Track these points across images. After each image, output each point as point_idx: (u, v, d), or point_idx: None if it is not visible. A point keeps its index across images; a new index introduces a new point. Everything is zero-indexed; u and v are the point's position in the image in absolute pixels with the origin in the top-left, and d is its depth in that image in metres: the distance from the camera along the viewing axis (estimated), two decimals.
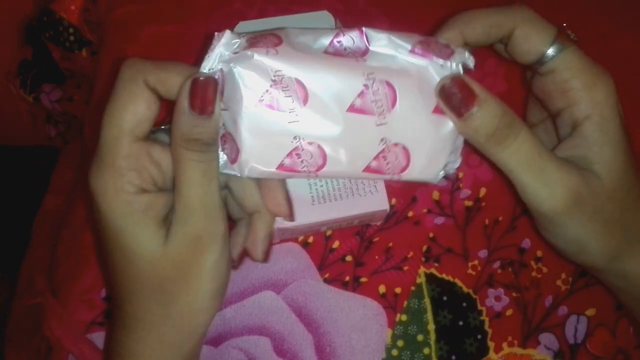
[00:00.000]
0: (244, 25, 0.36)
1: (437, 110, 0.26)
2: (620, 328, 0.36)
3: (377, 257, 0.36)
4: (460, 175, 0.37)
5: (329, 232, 0.36)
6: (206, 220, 0.26)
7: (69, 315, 0.36)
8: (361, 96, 0.25)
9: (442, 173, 0.27)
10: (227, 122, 0.26)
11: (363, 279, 0.36)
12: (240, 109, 0.24)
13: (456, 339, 0.35)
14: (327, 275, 0.36)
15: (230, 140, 0.26)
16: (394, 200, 0.37)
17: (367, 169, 0.26)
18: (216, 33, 0.25)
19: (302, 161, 0.26)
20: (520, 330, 0.36)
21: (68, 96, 0.51)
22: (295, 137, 0.25)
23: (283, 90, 0.24)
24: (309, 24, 0.37)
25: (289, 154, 0.25)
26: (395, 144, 0.26)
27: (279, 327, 0.35)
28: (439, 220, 0.37)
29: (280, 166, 0.26)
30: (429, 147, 0.26)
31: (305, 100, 0.25)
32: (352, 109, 0.25)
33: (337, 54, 0.26)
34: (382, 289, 0.36)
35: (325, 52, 0.26)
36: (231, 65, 0.24)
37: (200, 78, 0.24)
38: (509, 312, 0.36)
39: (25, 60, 0.52)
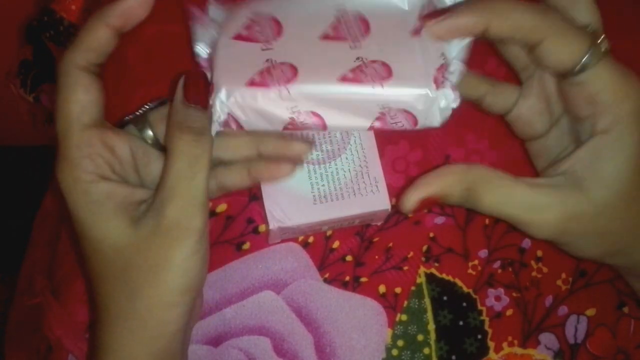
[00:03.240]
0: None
1: (416, 32, 0.27)
2: (621, 328, 0.36)
3: (377, 257, 0.36)
4: None
5: (329, 232, 0.36)
6: (182, 213, 0.25)
7: (69, 315, 0.36)
8: (333, 27, 0.27)
9: (442, 116, 0.27)
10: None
11: (363, 279, 0.36)
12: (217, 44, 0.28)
13: (456, 339, 0.35)
14: (327, 275, 0.36)
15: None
16: (394, 200, 0.37)
17: (344, 78, 0.26)
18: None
19: (272, 76, 0.27)
20: (520, 330, 0.36)
21: None
22: (267, 60, 0.27)
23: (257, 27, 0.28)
24: None
25: (260, 72, 0.27)
26: (373, 61, 0.27)
27: (279, 327, 0.35)
28: (439, 220, 0.37)
29: (251, 82, 0.26)
30: (411, 60, 0.27)
31: (279, 33, 0.27)
32: (325, 37, 0.27)
33: None
34: (382, 288, 0.36)
35: None
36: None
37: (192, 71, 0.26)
38: (509, 312, 0.36)
39: (25, 60, 0.52)
